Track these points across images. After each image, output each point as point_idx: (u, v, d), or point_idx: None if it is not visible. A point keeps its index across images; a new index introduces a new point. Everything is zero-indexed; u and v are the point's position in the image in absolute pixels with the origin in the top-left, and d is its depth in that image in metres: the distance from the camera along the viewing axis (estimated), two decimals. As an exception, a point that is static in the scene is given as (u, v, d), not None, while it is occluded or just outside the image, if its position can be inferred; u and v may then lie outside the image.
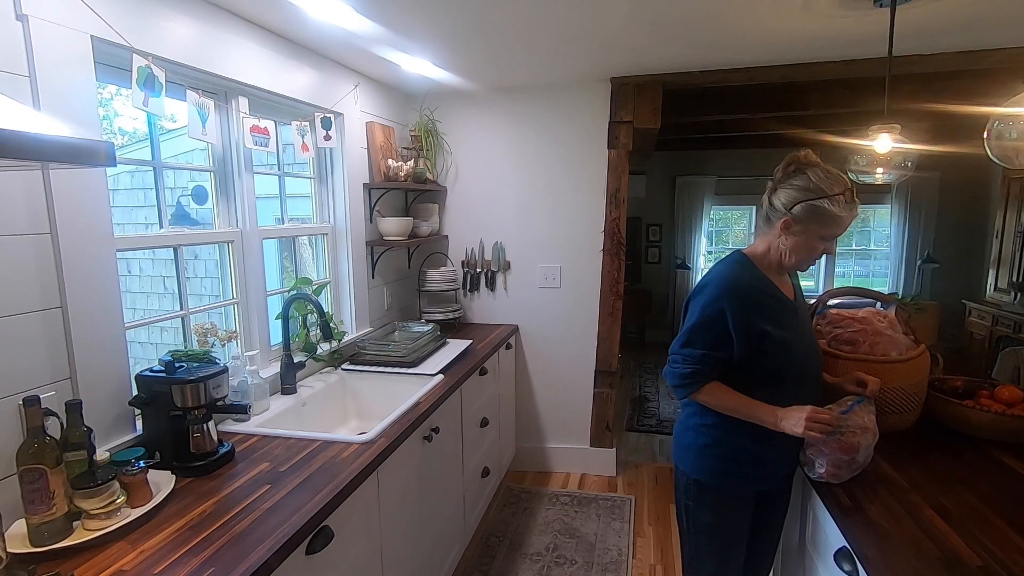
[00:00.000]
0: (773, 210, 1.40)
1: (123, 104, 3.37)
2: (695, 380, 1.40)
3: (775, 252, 1.42)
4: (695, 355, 1.40)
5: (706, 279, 1.45)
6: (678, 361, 1.43)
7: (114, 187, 4.07)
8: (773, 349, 1.36)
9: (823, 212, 1.32)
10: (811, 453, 1.39)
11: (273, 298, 2.17)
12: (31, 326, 1.27)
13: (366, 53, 2.32)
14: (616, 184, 3.01)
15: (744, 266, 1.44)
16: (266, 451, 1.60)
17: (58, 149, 0.83)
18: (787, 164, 1.39)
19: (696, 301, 1.43)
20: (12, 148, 0.80)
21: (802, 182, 1.34)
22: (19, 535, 1.15)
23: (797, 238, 1.37)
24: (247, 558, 1.10)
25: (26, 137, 0.82)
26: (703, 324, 1.38)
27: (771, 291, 1.42)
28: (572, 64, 2.63)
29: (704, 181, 6.24)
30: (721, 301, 1.36)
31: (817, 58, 2.56)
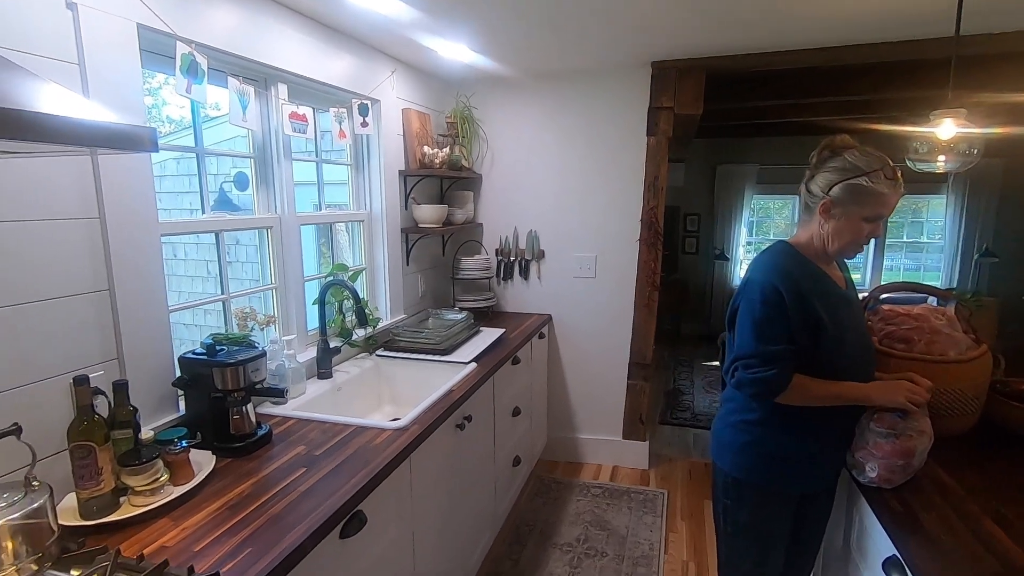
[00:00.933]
0: (811, 196, 1.36)
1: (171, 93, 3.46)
2: (780, 379, 1.29)
3: (818, 239, 1.37)
4: (770, 352, 1.29)
5: (751, 274, 1.39)
6: (754, 365, 1.31)
7: (161, 173, 4.20)
8: (826, 340, 1.30)
9: (862, 190, 1.28)
10: (862, 456, 1.32)
11: (310, 284, 2.20)
12: (82, 308, 1.32)
13: (403, 39, 2.31)
14: (655, 172, 2.93)
15: (790, 255, 1.39)
16: (302, 434, 1.63)
17: (102, 134, 0.84)
18: (822, 149, 1.36)
19: (748, 297, 1.35)
20: (59, 133, 0.81)
21: (838, 164, 1.32)
22: (70, 508, 1.19)
23: (838, 221, 1.32)
24: (283, 540, 1.12)
25: (72, 123, 0.83)
26: (766, 317, 1.30)
27: (820, 278, 1.37)
28: (611, 48, 2.56)
29: (745, 169, 6.04)
30: (777, 287, 1.30)
31: (872, 39, 2.42)
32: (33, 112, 0.80)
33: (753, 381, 1.31)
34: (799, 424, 1.35)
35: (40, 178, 1.22)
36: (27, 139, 0.78)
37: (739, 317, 1.37)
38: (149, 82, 3.33)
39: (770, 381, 1.29)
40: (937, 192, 5.71)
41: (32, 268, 1.21)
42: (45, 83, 0.89)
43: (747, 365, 1.32)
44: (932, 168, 1.78)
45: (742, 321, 1.35)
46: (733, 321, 1.42)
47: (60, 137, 0.80)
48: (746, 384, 1.33)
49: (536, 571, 2.34)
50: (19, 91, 0.83)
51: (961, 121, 1.66)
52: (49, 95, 0.86)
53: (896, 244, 6.23)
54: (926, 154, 1.74)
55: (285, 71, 1.93)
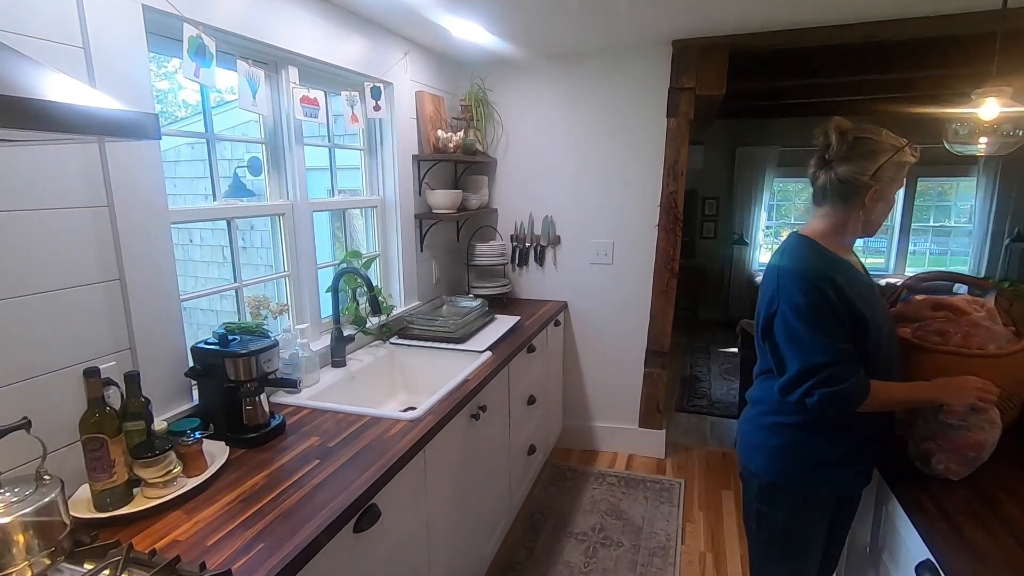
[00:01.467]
0: (846, 184, 1.27)
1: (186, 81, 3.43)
2: (863, 386, 1.20)
3: (854, 224, 1.31)
4: (842, 356, 1.20)
5: (784, 278, 1.28)
6: (835, 377, 1.19)
7: (176, 158, 4.20)
8: (869, 332, 1.24)
9: (901, 164, 1.26)
10: (928, 447, 1.27)
11: (324, 271, 2.18)
12: (92, 298, 1.30)
13: (417, 18, 2.24)
14: (675, 155, 2.85)
15: (816, 250, 1.31)
16: (316, 425, 1.61)
17: (104, 122, 0.81)
18: (840, 136, 1.27)
19: (790, 304, 1.24)
20: (62, 121, 0.78)
21: (871, 146, 1.25)
22: (83, 500, 1.19)
23: (882, 202, 1.28)
24: (296, 535, 1.10)
25: (74, 110, 0.80)
26: (820, 318, 1.21)
27: (849, 270, 1.30)
28: (630, 24, 2.46)
29: (766, 151, 5.88)
30: (820, 288, 1.22)
31: (907, 14, 2.30)
32: (36, 99, 0.76)
33: (840, 396, 1.19)
34: (834, 425, 1.29)
35: (47, 167, 1.19)
36: (29, 127, 0.75)
37: (782, 328, 1.26)
38: (165, 66, 3.31)
39: (857, 390, 1.20)
40: (967, 174, 5.51)
41: (41, 258, 1.19)
42: (48, 71, 0.86)
43: (827, 379, 1.20)
44: (972, 151, 1.69)
45: (793, 332, 1.24)
46: (766, 330, 1.31)
47: (62, 126, 0.76)
48: (835, 399, 1.20)
49: (551, 560, 2.32)
50: (22, 78, 0.80)
51: (1006, 100, 1.57)
52: (53, 82, 0.83)
53: (922, 228, 6.05)
54: (966, 136, 1.65)
55: (296, 53, 1.89)
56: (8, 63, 0.80)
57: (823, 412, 1.25)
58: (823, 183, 1.31)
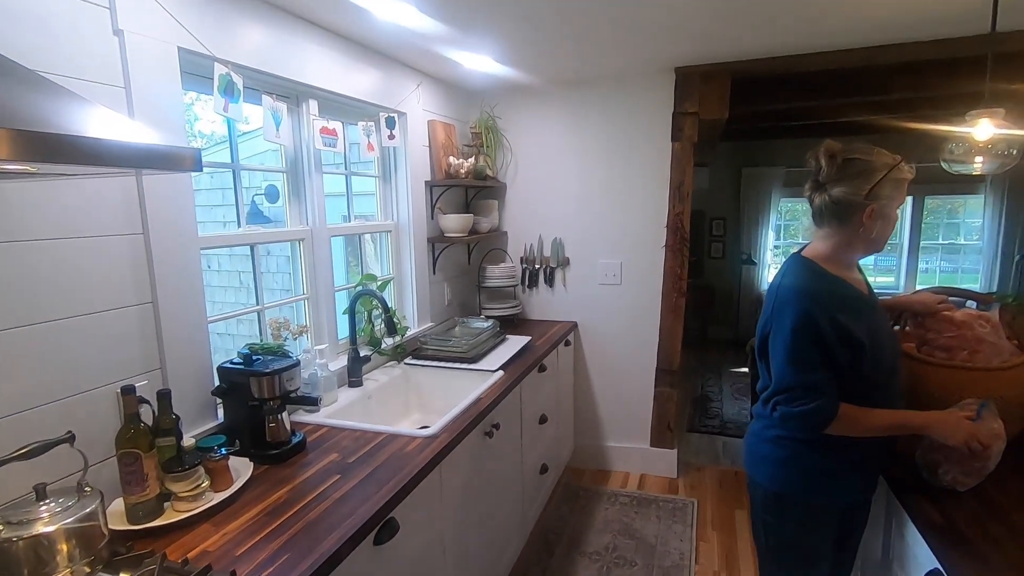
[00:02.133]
0: (841, 205, 1.30)
1: (202, 108, 3.58)
2: (826, 409, 1.26)
3: (855, 244, 1.34)
4: (810, 382, 1.26)
5: (780, 300, 1.33)
6: (795, 397, 1.27)
7: (196, 187, 4.33)
8: (866, 355, 1.27)
9: (901, 181, 1.29)
10: (934, 458, 1.30)
11: (340, 293, 2.25)
12: (127, 320, 1.37)
13: (428, 52, 2.35)
14: (680, 177, 2.92)
15: (816, 273, 1.34)
16: (335, 442, 1.66)
17: (151, 156, 0.89)
18: (829, 158, 1.31)
19: (780, 325, 1.31)
20: (111, 156, 0.86)
21: (862, 166, 1.28)
22: (118, 512, 1.24)
23: (882, 220, 1.30)
24: (319, 546, 1.15)
25: (121, 146, 0.88)
26: (801, 346, 1.26)
27: (849, 292, 1.34)
28: (634, 54, 2.56)
29: (772, 172, 5.95)
30: (810, 313, 1.26)
31: (904, 39, 2.37)
32: (83, 137, 0.84)
33: (800, 415, 1.27)
34: (835, 436, 1.32)
35: (90, 197, 1.28)
36: (79, 163, 0.82)
37: (772, 347, 1.33)
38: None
39: (816, 413, 1.26)
40: (975, 192, 5.54)
41: (83, 283, 1.27)
42: (94, 107, 0.94)
43: (789, 399, 1.28)
44: (968, 170, 1.73)
45: (776, 352, 1.31)
46: (765, 348, 1.37)
47: (110, 160, 0.84)
48: (791, 418, 1.29)
49: (565, 580, 2.33)
50: (70, 117, 0.88)
51: (999, 121, 1.62)
52: (98, 119, 0.91)
53: (931, 246, 6.05)
54: (962, 155, 1.70)
55: (316, 87, 1.99)
56: (61, 104, 0.88)
57: (788, 428, 1.33)
58: (819, 205, 1.34)
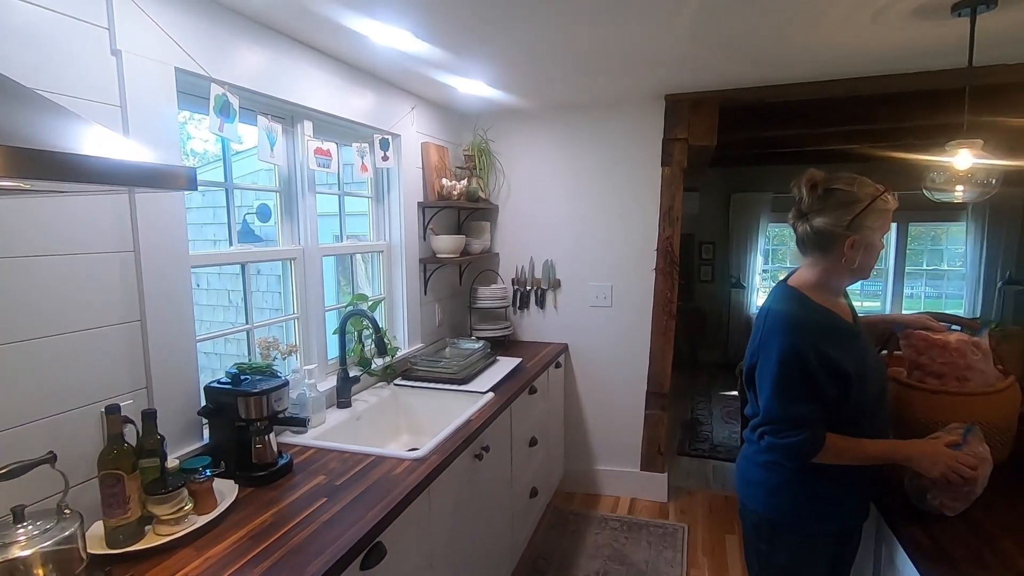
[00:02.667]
0: (823, 236, 1.31)
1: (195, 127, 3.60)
2: (813, 442, 1.26)
3: (839, 273, 1.34)
4: (798, 415, 1.26)
5: (767, 332, 1.34)
6: (783, 430, 1.28)
7: (188, 206, 4.32)
8: (852, 385, 1.27)
9: (881, 212, 1.29)
10: (923, 483, 1.30)
11: (330, 313, 2.24)
12: (114, 338, 1.36)
13: (423, 76, 2.39)
14: (670, 202, 2.96)
15: (802, 304, 1.34)
16: (322, 464, 1.64)
17: (145, 175, 0.89)
18: (811, 188, 1.32)
19: (767, 357, 1.31)
20: (104, 174, 0.86)
21: (843, 197, 1.29)
22: (97, 536, 1.21)
23: (865, 249, 1.30)
24: (304, 571, 1.12)
25: (116, 164, 0.88)
26: (788, 379, 1.27)
27: (835, 322, 1.34)
28: (625, 82, 2.62)
29: (760, 198, 6.05)
30: (796, 346, 1.27)
31: (886, 71, 2.45)
32: (77, 155, 0.83)
33: (786, 447, 1.28)
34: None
35: (81, 214, 1.27)
36: (72, 180, 0.82)
37: (760, 377, 1.33)
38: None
39: (802, 445, 1.26)
40: (957, 219, 5.66)
41: (71, 300, 1.26)
42: (89, 125, 0.94)
43: (776, 431, 1.29)
44: (950, 198, 1.78)
45: (763, 383, 1.32)
46: (752, 376, 1.38)
47: (103, 178, 0.84)
48: (778, 450, 1.30)
49: (554, 607, 2.29)
50: (64, 134, 0.88)
51: (978, 152, 1.67)
52: (92, 137, 0.91)
53: (916, 272, 6.15)
54: (943, 184, 1.74)
55: (310, 108, 2.01)
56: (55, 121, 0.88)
57: (778, 458, 1.33)
58: (801, 234, 1.36)
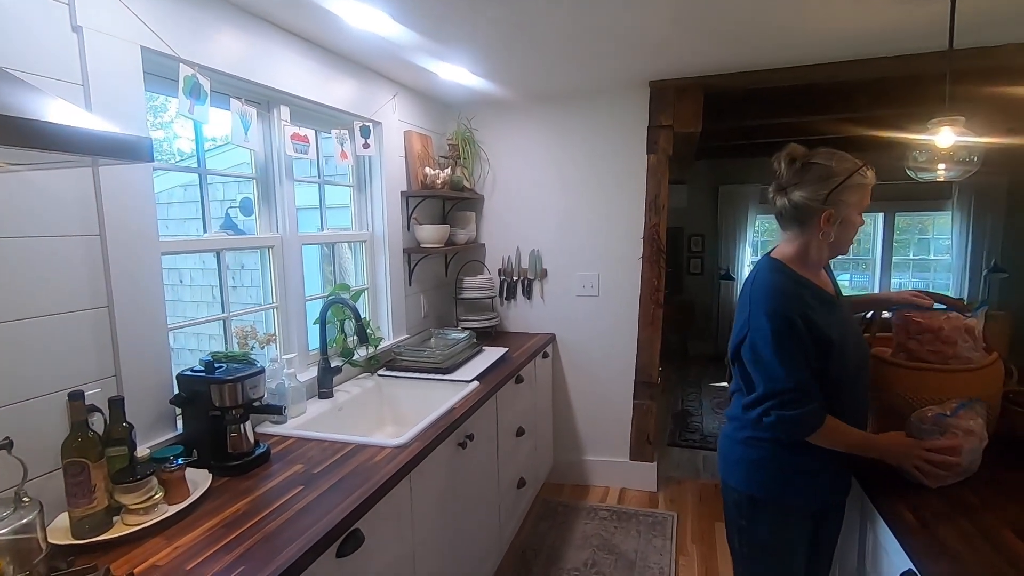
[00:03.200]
0: (800, 210, 1.32)
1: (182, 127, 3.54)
2: (819, 414, 1.25)
3: (818, 247, 1.34)
4: (803, 382, 1.24)
5: (754, 303, 1.32)
6: (792, 401, 1.24)
7: (168, 200, 4.27)
8: (834, 354, 1.27)
9: (858, 186, 1.29)
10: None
11: (312, 304, 2.20)
12: (80, 324, 1.32)
13: (403, 62, 2.35)
14: (656, 190, 2.94)
15: (785, 274, 1.34)
16: (301, 453, 1.60)
17: (100, 143, 0.85)
18: (789, 163, 1.34)
19: (759, 329, 1.28)
20: (58, 140, 0.83)
21: (820, 172, 1.30)
22: (62, 528, 1.17)
23: (841, 224, 1.31)
24: (277, 557, 1.09)
25: (71, 131, 0.84)
26: (786, 347, 1.25)
27: (816, 292, 1.34)
28: (609, 68, 2.60)
29: (748, 190, 6.06)
30: (786, 313, 1.26)
31: (866, 54, 2.45)
32: (33, 120, 0.81)
33: (795, 419, 1.25)
34: None
35: (42, 194, 1.23)
36: (27, 146, 0.79)
37: (755, 352, 1.30)
38: (161, 116, 3.43)
39: (811, 416, 1.25)
40: (942, 209, 5.70)
41: (31, 284, 1.22)
42: (47, 96, 0.91)
43: (785, 403, 1.25)
44: (932, 177, 1.77)
45: (762, 356, 1.28)
46: (738, 352, 1.36)
47: (59, 144, 0.81)
48: (786, 422, 1.26)
49: (542, 597, 2.27)
50: (22, 101, 0.85)
51: (960, 129, 1.66)
52: (51, 106, 0.88)
53: (903, 263, 6.19)
54: (925, 162, 1.74)
55: (287, 93, 1.97)
56: (10, 88, 0.85)
57: (776, 433, 1.30)
58: (779, 208, 1.36)
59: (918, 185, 1.99)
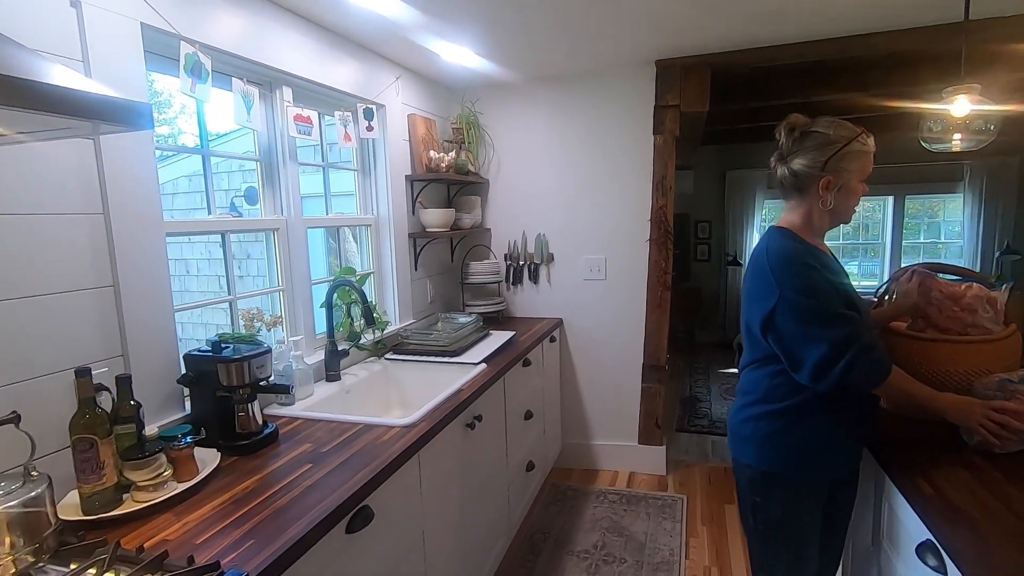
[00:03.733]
0: (799, 178, 1.33)
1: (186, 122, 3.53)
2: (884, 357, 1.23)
3: (819, 215, 1.34)
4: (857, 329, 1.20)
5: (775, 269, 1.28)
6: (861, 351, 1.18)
7: (174, 191, 4.27)
8: (857, 311, 1.26)
9: (858, 154, 1.29)
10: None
11: (318, 288, 2.19)
12: (85, 303, 1.31)
13: (406, 42, 2.33)
14: (663, 171, 2.91)
15: (792, 239, 1.34)
16: (309, 433, 1.60)
17: (99, 106, 0.84)
18: (789, 132, 1.34)
19: (791, 288, 1.23)
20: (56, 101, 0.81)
21: (819, 139, 1.30)
22: (72, 504, 1.17)
23: (840, 192, 1.31)
24: (286, 532, 1.09)
25: (70, 92, 0.83)
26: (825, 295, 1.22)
27: (822, 258, 1.33)
28: (614, 47, 2.56)
29: (755, 174, 6.00)
30: (810, 270, 1.25)
31: (875, 28, 2.39)
32: (35, 80, 0.79)
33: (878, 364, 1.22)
34: (819, 410, 1.30)
35: (45, 172, 1.22)
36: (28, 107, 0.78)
37: (794, 313, 1.23)
38: (165, 112, 3.43)
39: (884, 358, 1.23)
40: (953, 192, 5.62)
41: (36, 262, 1.21)
42: (47, 59, 0.90)
43: (864, 349, 1.19)
44: (946, 148, 1.73)
45: (807, 313, 1.22)
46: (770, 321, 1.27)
47: (59, 106, 0.80)
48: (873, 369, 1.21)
49: (552, 579, 2.26)
50: (22, 63, 0.83)
51: (976, 97, 1.62)
52: (52, 70, 0.86)
53: (914, 247, 6.12)
54: (940, 133, 1.70)
55: (290, 74, 1.95)
56: (10, 51, 0.83)
57: (859, 385, 1.23)
58: (780, 177, 1.37)
59: (929, 168, 1.96)
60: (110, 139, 1.33)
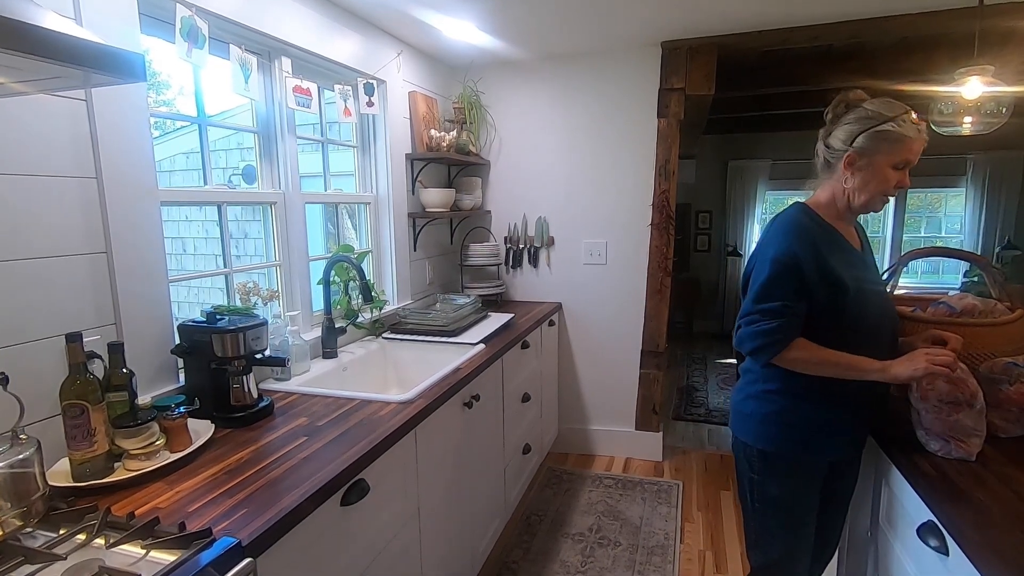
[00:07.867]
0: (831, 151, 1.31)
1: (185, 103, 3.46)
2: (781, 335, 1.25)
3: (841, 195, 1.32)
4: (774, 308, 1.25)
5: (768, 235, 1.34)
6: (755, 320, 1.27)
7: (171, 168, 4.22)
8: (847, 300, 1.24)
9: (889, 136, 1.23)
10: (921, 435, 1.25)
11: (316, 264, 2.17)
12: (76, 269, 1.28)
13: (408, 16, 2.28)
14: (666, 155, 2.87)
15: (806, 214, 1.34)
16: (305, 407, 1.58)
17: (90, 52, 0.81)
18: (836, 104, 1.32)
19: (763, 257, 1.30)
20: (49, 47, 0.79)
21: (859, 114, 1.27)
22: (63, 471, 1.15)
23: (864, 173, 1.27)
24: (280, 501, 1.07)
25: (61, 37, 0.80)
26: (777, 276, 1.26)
27: (837, 239, 1.32)
28: (620, 26, 2.51)
29: (758, 165, 5.96)
30: (793, 247, 1.25)
31: (890, 11, 2.35)
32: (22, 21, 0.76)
33: (749, 335, 1.28)
34: (820, 391, 1.28)
35: (34, 132, 1.19)
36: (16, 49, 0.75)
37: (755, 276, 1.32)
38: (164, 92, 3.37)
39: (770, 333, 1.25)
40: (955, 186, 5.59)
41: (25, 223, 1.18)
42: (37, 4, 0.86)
43: (750, 320, 1.29)
44: (956, 131, 1.71)
45: (756, 279, 1.31)
46: (747, 286, 1.38)
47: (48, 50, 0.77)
48: (747, 338, 1.29)
49: (547, 559, 2.26)
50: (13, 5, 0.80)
51: (989, 79, 1.60)
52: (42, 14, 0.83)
53: (914, 241, 6.10)
54: (950, 115, 1.67)
55: (289, 44, 1.91)
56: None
57: (747, 349, 1.30)
58: (816, 152, 1.35)
59: (932, 162, 1.93)
60: (103, 99, 1.29)
